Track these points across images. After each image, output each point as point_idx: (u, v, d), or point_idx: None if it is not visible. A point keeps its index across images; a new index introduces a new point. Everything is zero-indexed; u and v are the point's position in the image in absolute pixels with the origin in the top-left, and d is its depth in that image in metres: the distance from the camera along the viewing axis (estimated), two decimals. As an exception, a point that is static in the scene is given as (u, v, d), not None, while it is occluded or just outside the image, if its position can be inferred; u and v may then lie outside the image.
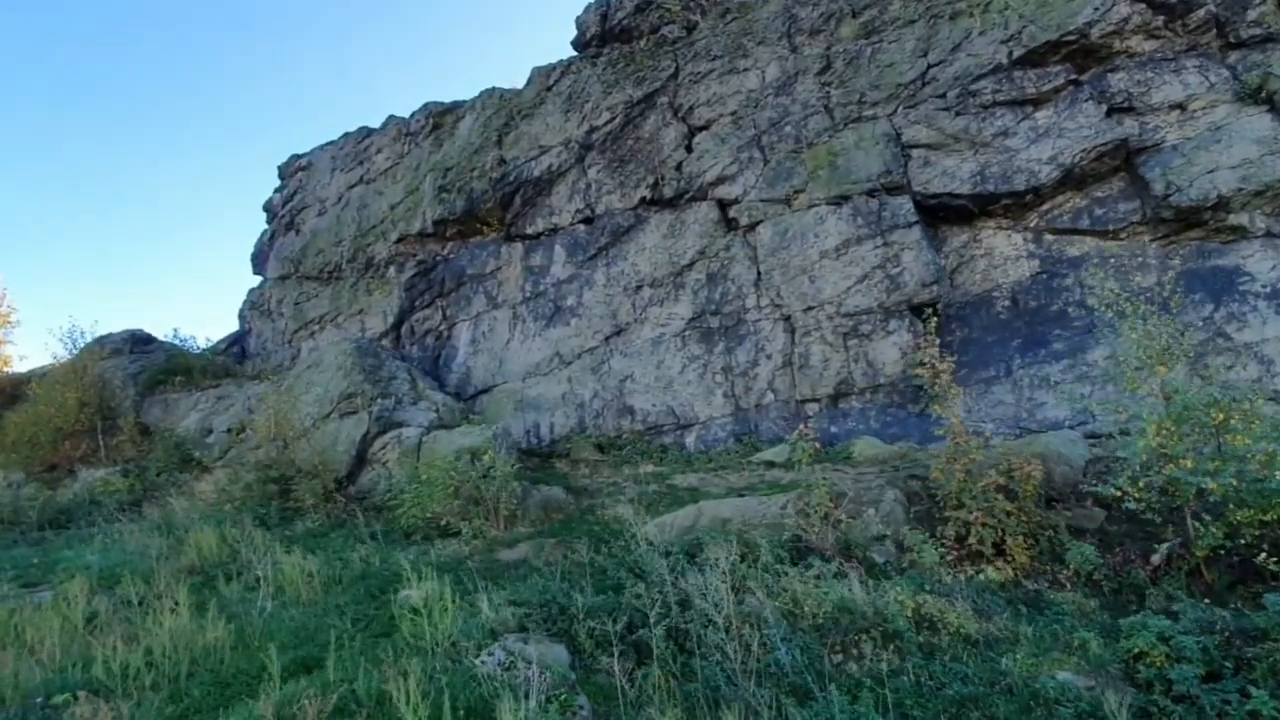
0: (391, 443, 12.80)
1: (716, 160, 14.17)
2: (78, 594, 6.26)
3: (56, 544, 10.09)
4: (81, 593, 6.32)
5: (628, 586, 6.87)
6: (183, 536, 9.61)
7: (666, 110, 15.11)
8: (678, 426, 13.44)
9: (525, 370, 15.22)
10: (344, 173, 21.54)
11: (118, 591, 7.35)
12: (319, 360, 14.92)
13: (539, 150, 16.19)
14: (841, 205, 12.74)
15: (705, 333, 13.42)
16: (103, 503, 12.57)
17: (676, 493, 10.89)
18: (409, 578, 8.04)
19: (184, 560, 8.33)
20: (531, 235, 16.49)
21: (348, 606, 7.07)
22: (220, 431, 15.73)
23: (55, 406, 15.91)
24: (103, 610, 6.17)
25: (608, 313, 14.56)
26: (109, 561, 8.62)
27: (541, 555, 9.07)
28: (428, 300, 17.60)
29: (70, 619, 6.00)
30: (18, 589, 7.78)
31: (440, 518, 9.70)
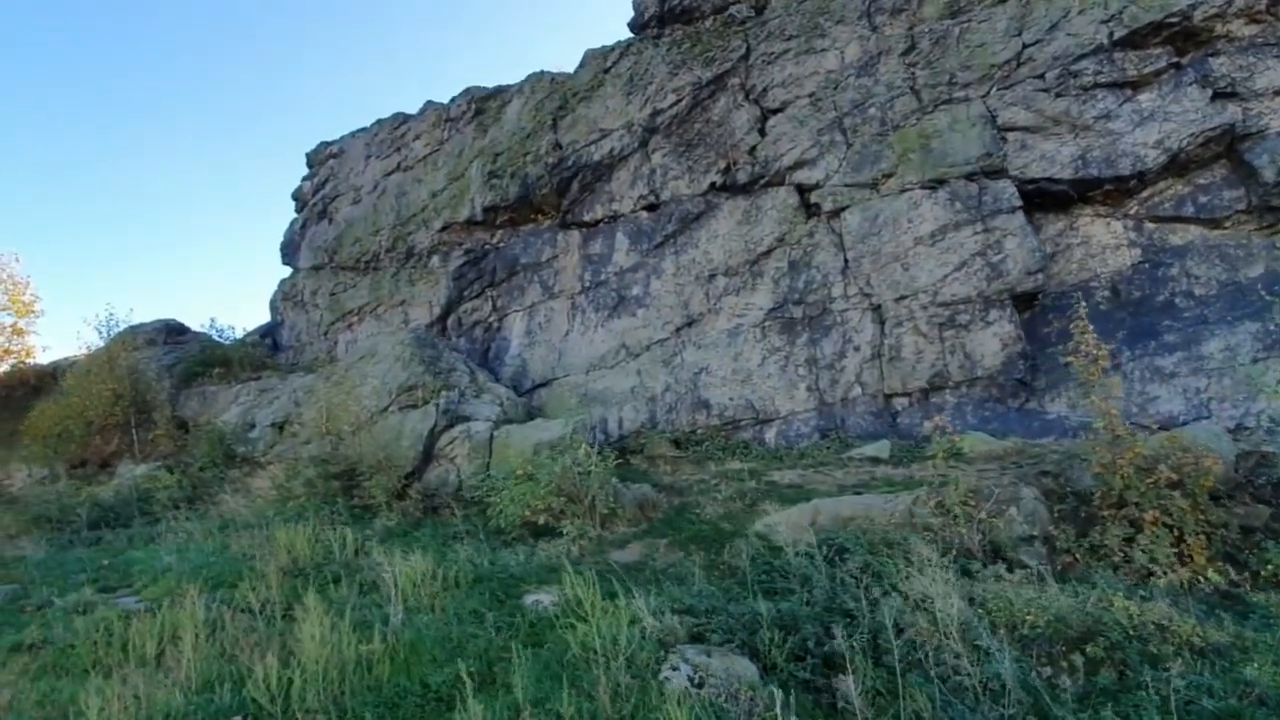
0: (460, 437, 12.07)
1: (794, 144, 13.53)
2: (189, 601, 5.52)
3: (116, 544, 9.32)
4: (191, 599, 5.58)
5: (797, 592, 6.22)
6: (262, 535, 8.87)
7: (738, 92, 14.46)
8: (757, 421, 12.78)
9: (588, 363, 14.52)
10: (379, 160, 20.77)
11: (217, 595, 6.62)
12: (373, 351, 14.18)
13: (599, 134, 15.50)
14: (937, 189, 12.12)
15: (787, 323, 12.77)
16: (152, 500, 11.78)
17: (778, 490, 10.22)
18: (531, 581, 7.39)
19: (277, 561, 7.59)
20: (589, 223, 15.80)
21: (479, 612, 6.36)
22: (264, 425, 14.95)
23: (87, 399, 15.08)
24: (225, 619, 5.43)
25: (678, 303, 13.88)
26: (189, 563, 7.87)
27: (657, 557, 8.41)
28: (477, 290, 16.87)
29: (186, 629, 5.27)
30: (96, 594, 7.02)
31: (537, 516, 8.99)
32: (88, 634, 5.49)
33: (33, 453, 15.79)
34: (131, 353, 16.16)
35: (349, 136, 22.31)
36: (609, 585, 7.13)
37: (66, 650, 5.29)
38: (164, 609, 5.52)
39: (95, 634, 5.40)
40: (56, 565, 7.88)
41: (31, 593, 6.87)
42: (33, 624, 6.16)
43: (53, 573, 7.62)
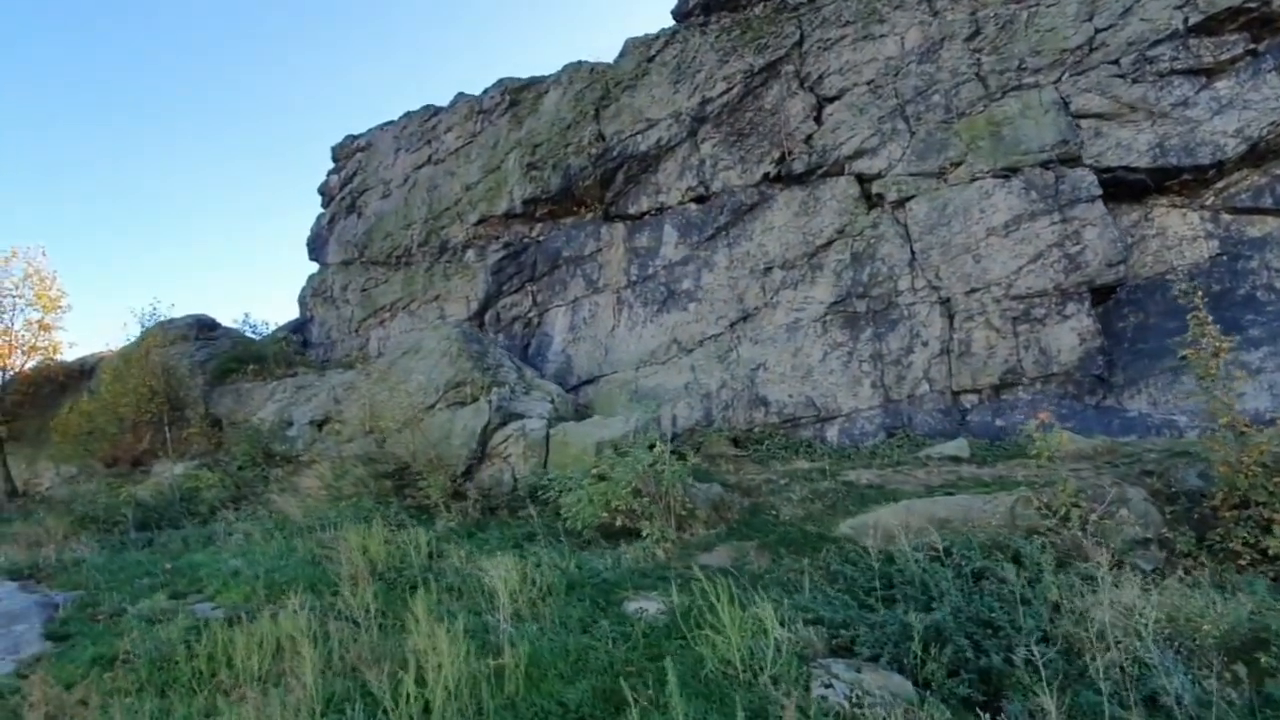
0: (514, 436, 11.65)
1: (854, 132, 13.10)
2: (291, 609, 5.10)
3: (171, 546, 8.90)
4: (294, 606, 5.16)
5: (932, 601, 5.78)
6: (327, 537, 8.46)
7: (792, 80, 14.02)
8: (818, 419, 12.35)
9: (638, 359, 14.09)
10: (409, 153, 20.35)
11: (290, 601, 6.20)
12: (417, 346, 13.76)
13: (645, 124, 15.07)
14: (1011, 178, 11.68)
15: (850, 318, 12.33)
16: (196, 499, 11.37)
17: (857, 491, 9.78)
18: (626, 586, 6.97)
19: (352, 565, 7.16)
20: (634, 215, 15.38)
21: (585, 621, 5.93)
22: (302, 423, 14.53)
23: (120, 396, 14.65)
24: (329, 629, 5.01)
25: (732, 297, 13.45)
26: (259, 567, 7.45)
27: (748, 561, 7.98)
28: (516, 285, 16.45)
29: (285, 639, 4.85)
30: (170, 600, 6.60)
31: (613, 518, 8.57)
32: (181, 646, 5.06)
33: (62, 451, 15.38)
34: (163, 349, 15.73)
35: (376, 130, 21.90)
36: (709, 594, 6.73)
37: (163, 664, 4.86)
38: (264, 618, 5.09)
39: (194, 646, 4.97)
40: (117, 569, 7.47)
41: (101, 599, 6.44)
42: (110, 634, 5.74)
43: (116, 577, 7.20)
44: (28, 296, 16.62)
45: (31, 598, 6.22)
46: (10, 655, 5.29)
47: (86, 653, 5.31)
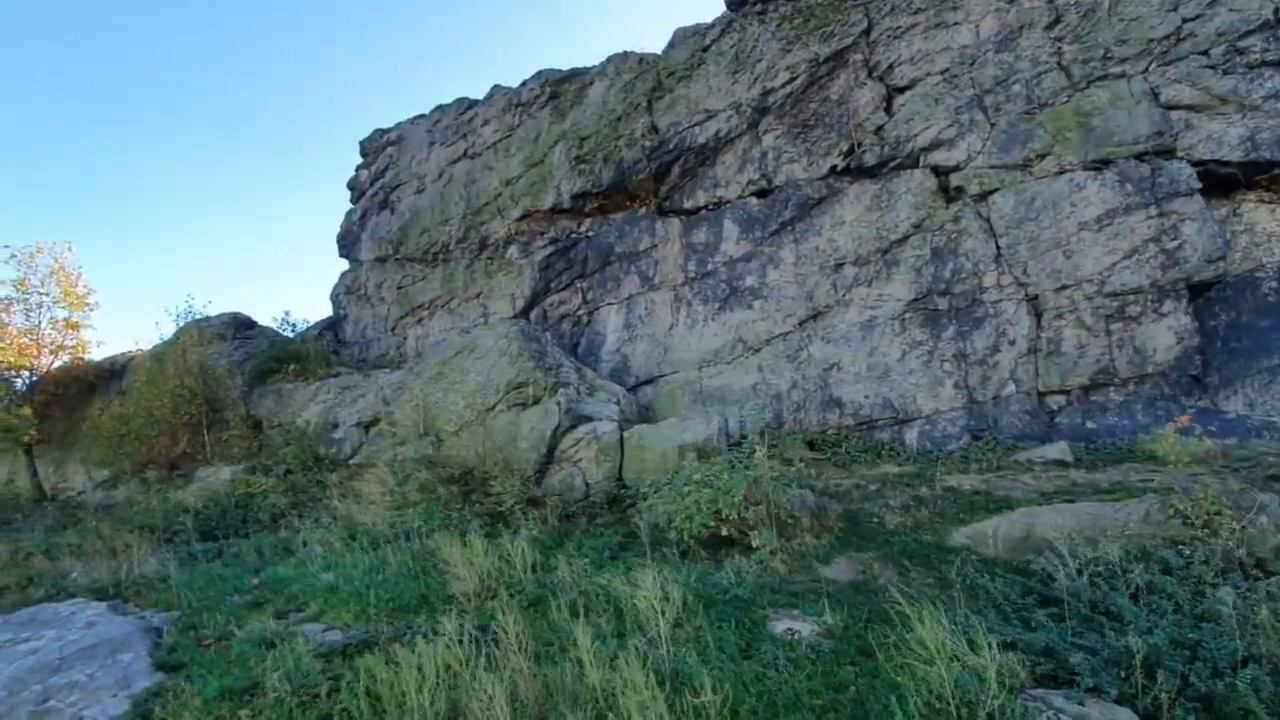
0: (585, 439, 11.12)
1: (929, 123, 12.63)
2: (448, 633, 4.59)
3: (245, 557, 8.34)
4: (449, 633, 4.64)
5: (1129, 622, 5.30)
6: (416, 548, 7.93)
7: (860, 69, 13.54)
8: (896, 421, 11.88)
9: (700, 358, 13.59)
10: (444, 147, 19.79)
11: (416, 622, 5.68)
12: (472, 345, 13.21)
13: (703, 115, 14.56)
14: (1103, 170, 11.23)
15: (930, 315, 11.86)
16: (252, 506, 10.80)
17: (962, 497, 9.32)
18: (763, 605, 6.46)
19: (463, 582, 6.65)
20: (690, 210, 14.87)
21: (741, 646, 5.43)
22: (349, 425, 13.96)
23: (158, 396, 14.04)
24: (488, 657, 4.49)
25: (801, 294, 12.96)
26: (355, 582, 6.92)
27: (872, 575, 7.48)
28: (565, 282, 15.92)
29: (442, 669, 4.34)
30: (274, 622, 6.06)
31: (719, 527, 8.06)
32: (321, 677, 4.54)
33: (95, 454, 14.76)
34: (199, 348, 15.13)
35: (406, 123, 21.32)
36: (859, 611, 6.25)
37: (307, 700, 4.33)
38: (420, 644, 4.57)
39: (341, 678, 4.45)
40: (205, 585, 6.91)
41: (200, 620, 5.90)
42: (225, 661, 5.21)
43: (205, 594, 6.65)
44: (54, 294, 16.00)
45: (129, 621, 5.67)
46: (123, 691, 4.75)
47: (209, 686, 4.77)
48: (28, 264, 15.74)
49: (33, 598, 6.56)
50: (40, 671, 4.84)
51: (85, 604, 6.12)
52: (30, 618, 5.81)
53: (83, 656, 5.06)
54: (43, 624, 5.67)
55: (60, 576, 7.09)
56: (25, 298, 15.64)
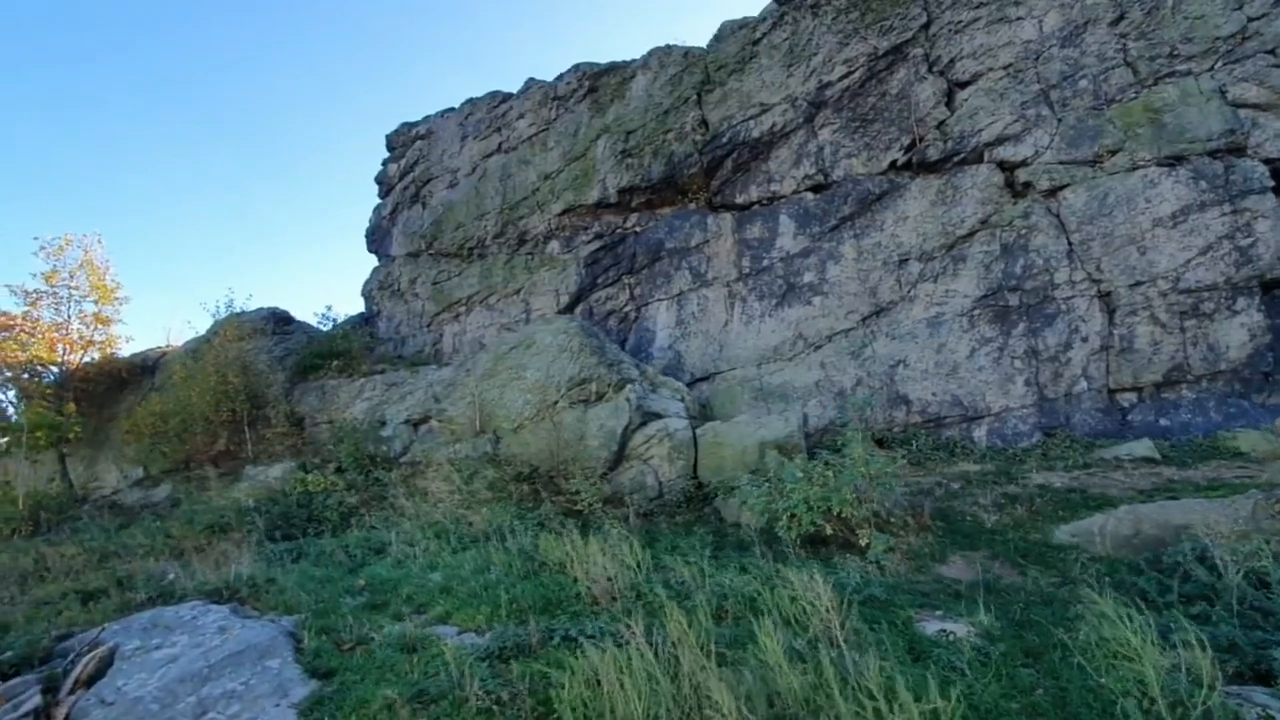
0: (657, 436, 10.90)
1: (994, 118, 12.52)
2: (636, 640, 4.36)
3: (334, 557, 8.04)
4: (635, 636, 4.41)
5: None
6: (514, 545, 7.68)
7: (920, 63, 13.41)
8: (964, 418, 11.75)
9: (759, 355, 13.40)
10: (476, 140, 19.46)
11: (547, 623, 5.45)
12: (528, 340, 12.94)
13: (757, 109, 14.38)
14: (1177, 167, 11.16)
15: (1000, 312, 11.75)
16: (314, 505, 10.48)
17: (1057, 495, 9.19)
18: (902, 605, 6.27)
19: (588, 583, 6.41)
20: (742, 205, 14.69)
21: (909, 649, 5.24)
22: (398, 422, 13.65)
23: (201, 393, 13.64)
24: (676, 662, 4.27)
25: (863, 290, 12.81)
26: (467, 582, 6.68)
27: (991, 573, 7.32)
28: (612, 278, 15.68)
29: (642, 679, 4.11)
30: (400, 624, 5.81)
31: (824, 526, 7.87)
32: (493, 681, 4.31)
33: (133, 452, 14.33)
34: (238, 343, 14.72)
35: (436, 117, 20.96)
36: (1005, 611, 6.08)
37: (491, 709, 4.10)
38: (609, 648, 4.34)
39: (515, 685, 4.21)
40: (312, 586, 6.62)
41: (326, 623, 5.63)
42: (374, 666, 4.95)
43: (318, 596, 6.37)
44: (83, 287, 15.51)
45: (267, 625, 5.39)
46: (283, 700, 4.49)
47: (373, 694, 4.52)
48: (56, 256, 15.26)
49: (134, 601, 6.25)
50: (191, 681, 4.56)
51: (204, 606, 5.82)
52: (150, 622, 5.50)
53: (230, 664, 4.78)
54: (168, 629, 5.37)
55: (154, 579, 6.77)
56: (54, 291, 15.17)
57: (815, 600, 5.55)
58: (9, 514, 11.71)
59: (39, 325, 14.78)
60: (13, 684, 4.69)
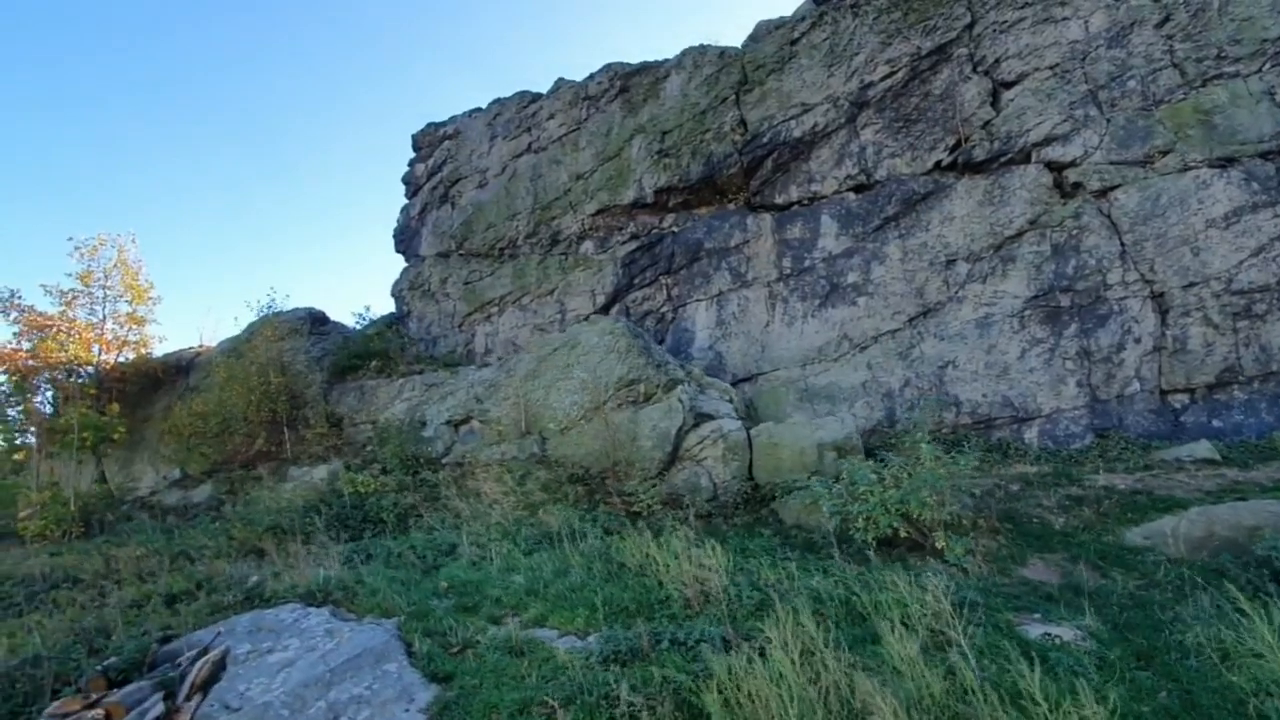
0: (710, 437, 10.86)
1: (1042, 118, 12.49)
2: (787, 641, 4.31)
3: (405, 558, 7.99)
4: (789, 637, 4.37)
5: None
6: (585, 548, 7.64)
7: (964, 63, 13.37)
8: (1015, 420, 11.71)
9: (803, 356, 13.36)
10: (506, 140, 19.42)
11: (641, 628, 5.40)
12: (572, 341, 12.90)
13: (799, 108, 14.34)
14: (1229, 168, 11.13)
15: (1051, 313, 11.71)
16: (367, 506, 10.42)
17: (1122, 496, 9.15)
18: (1001, 608, 6.22)
19: (678, 586, 6.37)
20: (781, 205, 14.65)
21: (1023, 656, 5.19)
22: (439, 423, 13.60)
23: (243, 393, 13.58)
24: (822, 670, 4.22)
25: (909, 290, 12.78)
26: (554, 583, 6.64)
27: (1074, 576, 7.28)
28: (649, 278, 15.64)
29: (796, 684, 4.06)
30: (499, 627, 5.76)
31: (899, 528, 7.83)
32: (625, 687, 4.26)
33: (173, 453, 14.26)
34: (276, 343, 14.66)
35: (463, 117, 20.92)
36: (1106, 614, 6.04)
37: (634, 716, 4.06)
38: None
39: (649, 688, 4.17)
40: (399, 589, 6.57)
41: (429, 627, 5.58)
42: (490, 670, 4.90)
43: (408, 598, 6.31)
44: (116, 287, 15.45)
45: (377, 629, 5.34)
46: (411, 705, 4.44)
47: (497, 697, 4.48)
48: (90, 256, 15.20)
49: (222, 603, 6.19)
50: (315, 686, 4.51)
51: (302, 610, 5.77)
52: (253, 625, 5.45)
53: (350, 668, 4.73)
54: (273, 632, 5.32)
55: (236, 581, 6.72)
56: (89, 291, 15.10)
57: (922, 603, 5.51)
58: (61, 515, 11.66)
59: (75, 325, 14.72)
60: (129, 691, 4.64)
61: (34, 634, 5.74)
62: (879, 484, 7.93)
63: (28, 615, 6.47)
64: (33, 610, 6.64)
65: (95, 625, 5.90)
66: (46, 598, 7.02)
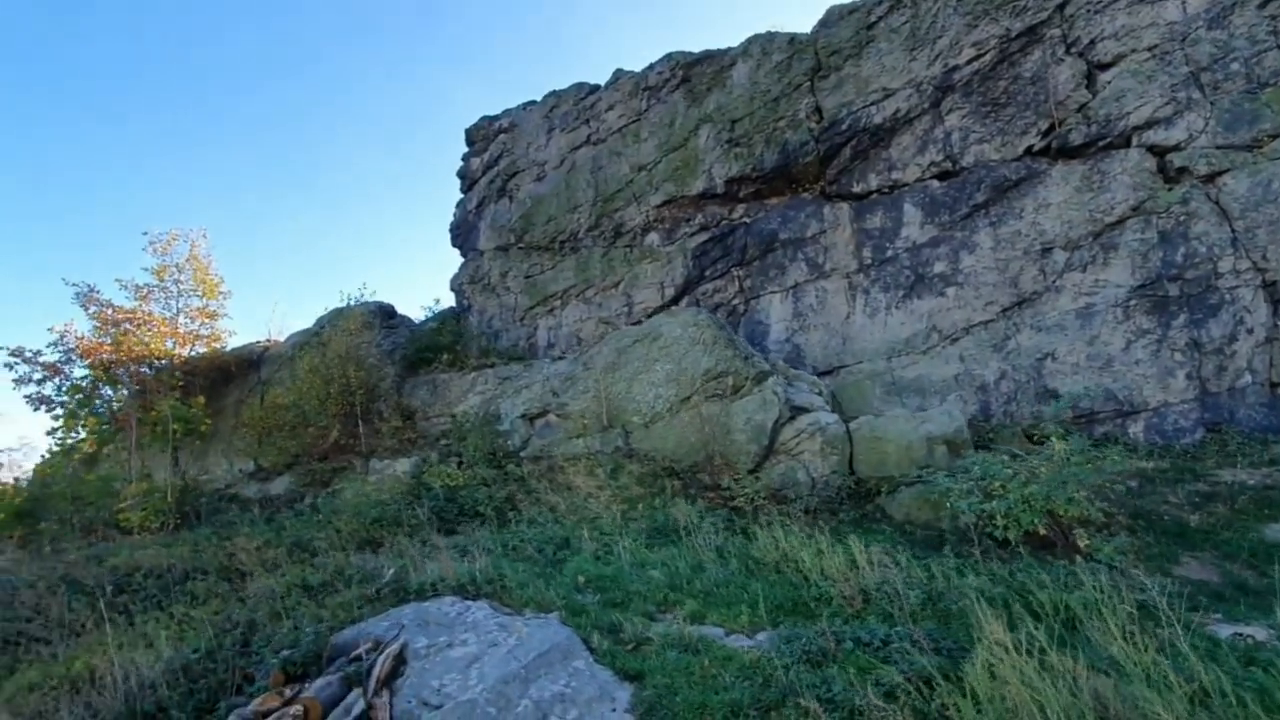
0: (808, 431, 10.59)
1: (1143, 100, 12.02)
2: (996, 644, 4.07)
3: (522, 552, 7.84)
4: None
5: None
6: (701, 544, 7.43)
7: (1057, 44, 12.92)
8: (1119, 414, 11.31)
9: (888, 348, 13.04)
10: (564, 133, 19.25)
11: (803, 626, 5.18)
12: (653, 334, 12.69)
13: (879, 94, 13.98)
14: (1350, 150, 10.62)
15: (1158, 303, 11.28)
16: (463, 499, 10.32)
17: (1254, 493, 8.75)
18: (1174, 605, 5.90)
19: (830, 583, 6.14)
20: (859, 194, 14.31)
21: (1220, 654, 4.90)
22: (514, 416, 13.48)
23: (323, 387, 13.57)
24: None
25: (1002, 280, 12.40)
26: (698, 579, 6.45)
27: (1231, 574, 6.95)
28: (721, 270, 15.39)
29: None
30: (664, 625, 5.57)
31: (1036, 527, 7.52)
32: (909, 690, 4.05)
33: (240, 445, 14.30)
34: (346, 337, 14.64)
35: (518, 110, 20.79)
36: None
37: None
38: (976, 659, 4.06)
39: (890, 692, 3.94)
40: (541, 583, 6.41)
41: (590, 622, 5.41)
42: (678, 670, 4.71)
43: (555, 592, 6.15)
44: (188, 282, 15.52)
45: (550, 624, 5.18)
46: (613, 704, 4.27)
47: (704, 698, 4.29)
48: (164, 251, 15.29)
49: (368, 595, 6.07)
50: (515, 683, 4.35)
51: (461, 603, 5.63)
52: (417, 618, 5.31)
53: (541, 665, 4.57)
54: (441, 625, 5.18)
55: (369, 574, 6.60)
56: (164, 286, 15.19)
57: (1113, 604, 5.22)
58: (159, 507, 11.72)
59: (152, 319, 14.81)
60: (320, 686, 4.52)
61: (187, 627, 5.66)
62: (1017, 479, 7.62)
63: (168, 607, 6.42)
64: (172, 602, 6.58)
65: (244, 618, 5.81)
66: (180, 590, 6.97)
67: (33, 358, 13.86)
